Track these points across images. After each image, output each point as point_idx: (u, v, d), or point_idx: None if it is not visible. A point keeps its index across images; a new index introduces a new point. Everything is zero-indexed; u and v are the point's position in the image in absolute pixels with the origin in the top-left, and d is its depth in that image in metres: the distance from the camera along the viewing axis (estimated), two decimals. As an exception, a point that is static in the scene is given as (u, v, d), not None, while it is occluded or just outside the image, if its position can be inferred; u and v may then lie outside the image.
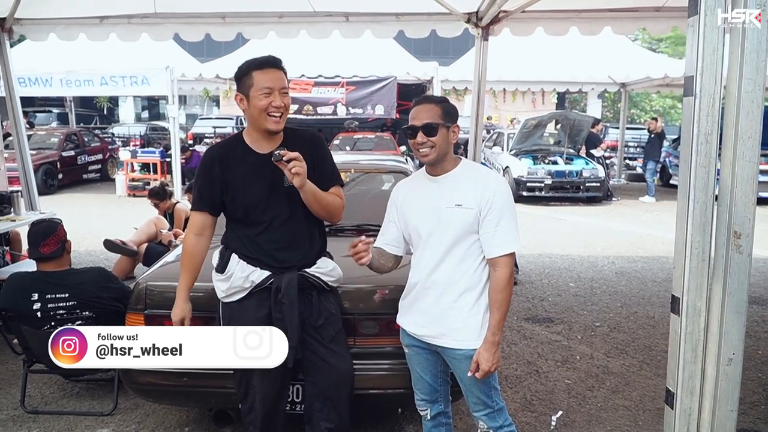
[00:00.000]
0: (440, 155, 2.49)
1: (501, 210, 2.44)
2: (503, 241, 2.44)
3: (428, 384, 2.74)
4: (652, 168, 14.17)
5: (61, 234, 3.77)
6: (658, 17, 6.56)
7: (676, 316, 2.19)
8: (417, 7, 6.59)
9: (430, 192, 2.56)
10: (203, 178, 2.76)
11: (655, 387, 4.29)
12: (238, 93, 2.66)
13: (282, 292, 2.69)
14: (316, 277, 2.80)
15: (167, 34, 7.06)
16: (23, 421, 3.78)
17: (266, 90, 2.56)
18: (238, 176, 2.70)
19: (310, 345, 2.79)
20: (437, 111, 2.47)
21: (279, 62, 2.64)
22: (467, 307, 2.51)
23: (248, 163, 2.70)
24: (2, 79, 6.98)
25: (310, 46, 11.75)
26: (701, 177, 2.05)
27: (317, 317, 2.79)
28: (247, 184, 2.69)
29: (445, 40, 7.98)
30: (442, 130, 2.46)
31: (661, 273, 7.44)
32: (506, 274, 2.45)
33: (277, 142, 2.72)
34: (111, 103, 34.95)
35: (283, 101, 2.60)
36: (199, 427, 3.70)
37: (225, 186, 2.71)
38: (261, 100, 2.57)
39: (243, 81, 2.62)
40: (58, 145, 15.46)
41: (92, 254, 7.91)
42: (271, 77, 2.59)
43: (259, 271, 2.72)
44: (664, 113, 28.47)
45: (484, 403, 2.60)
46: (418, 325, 2.63)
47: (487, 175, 2.56)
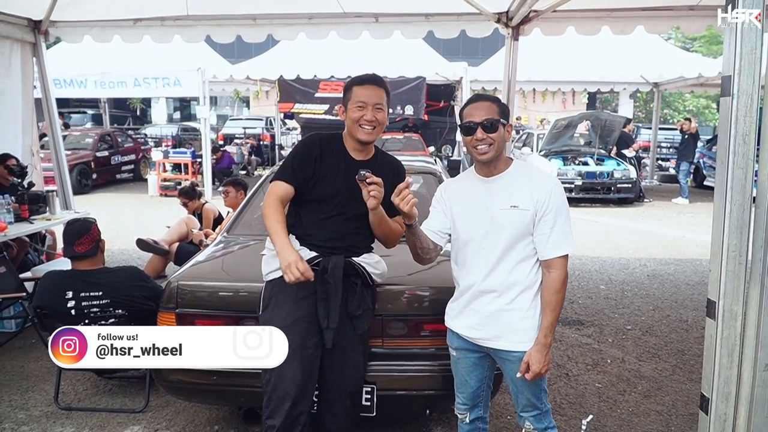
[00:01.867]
0: (497, 153, 2.48)
1: (557, 211, 2.43)
2: (558, 242, 2.43)
3: (472, 389, 2.72)
4: (685, 169, 13.93)
5: (95, 233, 3.82)
6: (692, 16, 6.44)
7: (711, 321, 2.15)
8: (446, 7, 6.57)
9: (483, 193, 2.53)
10: (302, 155, 2.83)
11: (688, 392, 4.21)
12: (341, 105, 2.84)
13: (329, 272, 2.74)
14: (362, 266, 2.84)
15: (199, 36, 7.13)
16: (57, 417, 3.85)
17: (360, 104, 2.72)
18: (330, 166, 2.81)
19: (344, 334, 2.80)
20: (494, 108, 2.46)
21: (380, 80, 2.81)
22: (524, 308, 2.49)
23: (341, 160, 2.82)
24: (38, 80, 7.13)
25: (339, 47, 11.79)
26: (738, 178, 2.01)
27: (357, 307, 2.82)
28: (333, 176, 2.79)
29: (474, 40, 7.92)
30: (500, 128, 2.45)
31: (694, 276, 7.32)
32: (561, 276, 2.45)
33: (368, 154, 2.88)
34: (144, 104, 35.45)
35: (375, 116, 2.73)
36: (228, 426, 3.73)
37: (316, 170, 2.80)
38: (355, 112, 2.73)
39: (345, 95, 2.79)
40: (92, 146, 15.74)
41: (125, 253, 8.03)
42: (368, 93, 2.74)
43: (307, 251, 2.78)
44: (698, 113, 27.99)
45: (533, 405, 2.58)
46: (471, 328, 2.60)
47: (542, 176, 2.55)
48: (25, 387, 4.26)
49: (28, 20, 6.74)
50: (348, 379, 2.88)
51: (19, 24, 6.67)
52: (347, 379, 2.88)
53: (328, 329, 2.74)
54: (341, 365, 2.84)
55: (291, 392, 2.71)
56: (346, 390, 2.90)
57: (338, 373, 2.85)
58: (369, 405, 3.06)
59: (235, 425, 3.72)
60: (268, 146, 20.55)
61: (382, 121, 2.77)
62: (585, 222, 11.05)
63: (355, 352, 2.88)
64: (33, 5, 6.46)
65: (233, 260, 3.80)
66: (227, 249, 3.89)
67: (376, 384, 3.06)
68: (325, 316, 2.74)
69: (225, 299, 3.24)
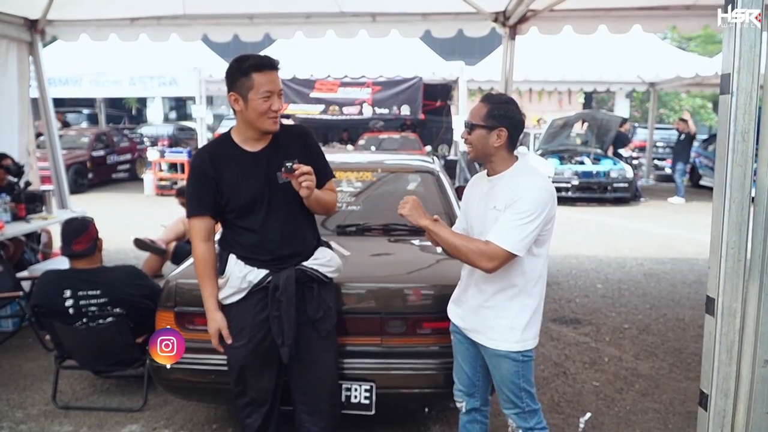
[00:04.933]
0: (477, 155, 2.50)
1: (513, 207, 2.34)
2: (496, 232, 2.35)
3: (467, 375, 2.75)
4: (681, 169, 13.96)
5: (93, 232, 3.81)
6: (689, 15, 6.47)
7: (711, 317, 2.15)
8: (444, 6, 6.59)
9: (484, 192, 2.55)
10: (198, 182, 2.70)
11: (685, 390, 4.23)
12: (232, 93, 2.57)
13: (280, 289, 2.67)
14: (315, 270, 2.77)
15: (196, 35, 7.14)
16: (55, 416, 3.84)
17: (267, 93, 2.52)
18: (232, 176, 2.66)
19: (306, 339, 2.78)
20: (483, 110, 2.45)
21: (276, 63, 2.59)
22: (498, 308, 2.51)
23: (240, 162, 2.67)
24: (35, 79, 7.11)
25: (336, 46, 11.79)
26: (737, 176, 2.01)
27: (316, 310, 2.77)
28: (241, 184, 2.66)
29: (471, 39, 7.95)
30: (479, 131, 2.44)
31: (690, 275, 7.34)
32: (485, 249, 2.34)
33: (267, 140, 2.70)
34: (139, 103, 35.38)
35: (280, 104, 2.59)
36: (227, 424, 3.72)
37: (219, 187, 2.66)
38: (261, 104, 2.53)
39: (240, 81, 2.54)
40: (88, 145, 15.68)
41: (121, 252, 8.01)
42: (271, 80, 2.54)
43: (257, 271, 2.69)
44: (694, 113, 28.03)
45: (513, 402, 2.59)
46: (458, 317, 2.69)
47: (527, 181, 2.44)
48: (23, 386, 4.25)
49: (25, 19, 6.73)
50: (321, 381, 2.87)
51: (15, 23, 6.65)
52: (321, 381, 2.86)
53: (284, 346, 2.70)
54: (313, 370, 2.83)
55: (267, 399, 2.85)
56: (324, 392, 2.88)
57: (311, 378, 2.84)
58: (368, 403, 3.07)
59: (233, 424, 3.71)
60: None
61: (282, 108, 2.64)
62: (581, 221, 11.07)
63: (323, 354, 2.85)
64: (30, 4, 6.44)
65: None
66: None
67: (375, 382, 3.07)
68: (279, 333, 2.69)
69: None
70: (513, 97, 2.95)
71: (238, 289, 2.71)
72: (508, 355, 2.50)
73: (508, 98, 2.57)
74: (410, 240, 3.89)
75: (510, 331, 2.48)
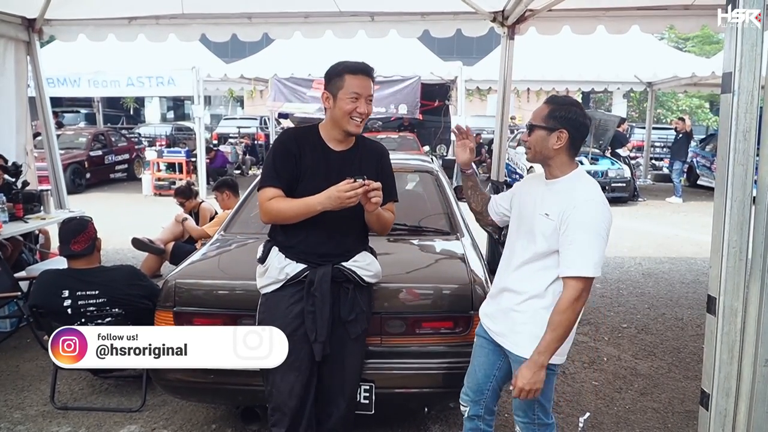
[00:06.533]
0: (535, 157, 2.46)
1: (578, 228, 2.28)
2: (572, 261, 2.29)
3: (478, 382, 2.71)
4: (678, 168, 13.97)
5: (91, 232, 3.80)
6: (687, 15, 6.45)
7: (712, 317, 2.15)
8: (442, 6, 6.56)
9: (539, 195, 2.48)
10: (280, 156, 2.71)
11: (684, 389, 4.23)
12: (325, 91, 2.68)
13: (315, 285, 2.69)
14: (352, 271, 2.78)
15: (194, 35, 7.11)
16: (53, 416, 3.83)
17: (354, 95, 2.60)
18: (310, 163, 2.70)
19: (337, 339, 2.78)
20: (544, 112, 2.41)
21: (371, 71, 2.69)
22: (527, 314, 2.44)
23: (321, 155, 2.73)
24: (32, 79, 7.09)
25: (334, 46, 11.77)
26: (739, 175, 2.01)
27: (349, 312, 2.78)
28: (315, 174, 2.69)
29: (469, 39, 7.94)
30: (538, 132, 2.40)
31: (689, 274, 7.34)
32: (569, 296, 2.28)
33: (348, 144, 2.77)
34: (137, 103, 35.37)
35: (367, 108, 2.65)
36: (226, 424, 3.71)
37: (298, 167, 2.70)
38: (348, 104, 2.60)
39: (333, 81, 2.64)
40: (86, 145, 15.67)
41: (119, 252, 8.00)
42: (362, 83, 2.62)
43: (294, 264, 2.72)
44: (691, 113, 28.10)
45: (523, 411, 2.57)
46: (488, 317, 2.65)
47: (582, 189, 2.38)
48: (21, 386, 4.24)
49: (23, 18, 6.70)
50: (345, 383, 2.87)
51: (13, 22, 6.62)
52: (345, 383, 2.87)
53: (317, 342, 2.70)
54: (338, 371, 2.83)
55: (290, 404, 2.76)
56: (344, 394, 2.88)
57: (336, 378, 2.84)
58: (367, 403, 3.06)
59: (233, 424, 3.71)
60: (262, 146, 20.55)
61: (370, 113, 2.71)
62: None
63: (351, 356, 2.85)
64: (27, 3, 6.41)
65: (230, 258, 3.79)
66: (224, 247, 3.89)
67: (374, 382, 3.06)
68: (312, 329, 2.70)
69: (223, 297, 3.23)
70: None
71: (276, 279, 2.75)
72: None
73: (572, 100, 2.49)
74: (410, 240, 3.88)
75: (536, 339, 2.35)
